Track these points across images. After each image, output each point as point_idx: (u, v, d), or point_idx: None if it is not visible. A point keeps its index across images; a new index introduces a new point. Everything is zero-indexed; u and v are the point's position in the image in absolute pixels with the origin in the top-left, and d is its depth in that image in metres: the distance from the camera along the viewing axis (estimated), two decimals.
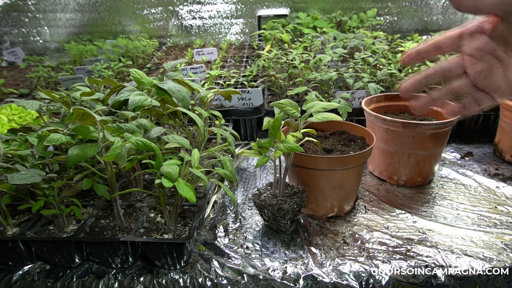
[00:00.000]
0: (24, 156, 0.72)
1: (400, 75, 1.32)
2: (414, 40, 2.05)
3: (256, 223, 0.85)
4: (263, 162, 0.72)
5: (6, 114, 1.16)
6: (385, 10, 2.70)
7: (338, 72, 1.30)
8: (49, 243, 0.69)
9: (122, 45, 2.22)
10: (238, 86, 1.54)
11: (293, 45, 1.96)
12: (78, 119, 0.61)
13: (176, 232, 0.72)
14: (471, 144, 1.26)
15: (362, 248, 0.76)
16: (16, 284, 0.70)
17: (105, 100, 0.83)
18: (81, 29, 2.77)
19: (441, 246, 0.76)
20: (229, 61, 2.06)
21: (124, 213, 0.79)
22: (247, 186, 1.03)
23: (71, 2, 2.67)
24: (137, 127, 0.68)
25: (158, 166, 0.64)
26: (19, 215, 0.80)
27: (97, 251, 0.70)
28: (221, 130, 0.87)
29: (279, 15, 2.61)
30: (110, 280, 0.70)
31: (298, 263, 0.72)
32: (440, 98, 0.58)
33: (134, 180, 0.85)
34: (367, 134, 0.91)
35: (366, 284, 0.68)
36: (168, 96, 0.79)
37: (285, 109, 0.75)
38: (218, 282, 0.69)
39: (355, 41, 1.83)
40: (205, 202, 0.82)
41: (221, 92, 0.96)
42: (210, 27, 2.80)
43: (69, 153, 0.59)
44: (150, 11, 2.74)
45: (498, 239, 0.78)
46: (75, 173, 0.74)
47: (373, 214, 0.88)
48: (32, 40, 2.76)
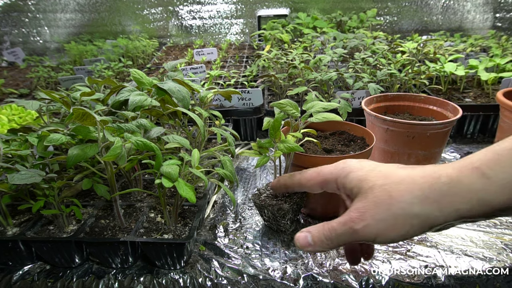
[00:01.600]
0: (24, 156, 0.72)
1: (400, 75, 1.32)
2: (414, 40, 2.05)
3: (256, 223, 0.85)
4: (263, 162, 0.72)
5: (6, 114, 1.16)
6: (385, 10, 2.71)
7: (338, 72, 1.30)
8: (49, 243, 0.69)
9: (122, 45, 2.23)
10: (238, 86, 1.54)
11: (293, 45, 1.96)
12: (78, 119, 0.61)
13: (176, 232, 0.72)
14: (471, 144, 1.26)
15: None
16: (16, 284, 0.70)
17: (105, 100, 0.83)
18: (81, 29, 2.77)
19: (441, 246, 0.76)
20: (229, 61, 2.06)
21: (124, 213, 0.79)
22: (247, 186, 1.04)
23: (71, 2, 2.67)
24: (137, 127, 0.68)
25: (158, 166, 0.64)
26: (19, 215, 0.80)
27: (97, 251, 0.70)
28: (221, 130, 0.87)
29: (279, 15, 2.61)
30: (110, 280, 0.70)
31: (298, 263, 0.72)
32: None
33: (134, 180, 0.85)
34: (367, 134, 0.91)
35: (366, 284, 0.68)
36: (168, 96, 0.79)
37: (285, 109, 0.75)
38: (218, 282, 0.69)
39: (355, 41, 1.83)
40: (205, 202, 0.82)
41: (221, 92, 0.96)
42: (210, 27, 2.81)
43: (69, 153, 0.59)
44: (150, 11, 2.74)
45: (498, 239, 0.78)
46: (75, 173, 0.74)
47: None
48: (32, 40, 2.76)
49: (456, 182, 0.39)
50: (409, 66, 1.43)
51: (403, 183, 0.42)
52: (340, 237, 0.45)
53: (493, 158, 0.38)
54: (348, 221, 0.43)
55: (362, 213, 0.43)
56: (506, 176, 0.36)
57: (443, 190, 0.39)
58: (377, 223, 0.42)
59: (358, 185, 0.45)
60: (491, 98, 1.32)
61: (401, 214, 0.41)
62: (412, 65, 1.41)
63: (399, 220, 0.41)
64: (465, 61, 1.62)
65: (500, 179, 0.36)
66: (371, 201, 0.43)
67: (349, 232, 0.43)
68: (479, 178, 0.37)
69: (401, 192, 0.41)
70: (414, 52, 1.58)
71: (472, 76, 1.53)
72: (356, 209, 0.44)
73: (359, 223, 0.42)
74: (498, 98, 1.07)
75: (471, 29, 2.72)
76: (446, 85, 1.43)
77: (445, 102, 1.04)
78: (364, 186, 0.44)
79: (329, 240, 0.46)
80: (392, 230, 0.41)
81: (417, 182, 0.41)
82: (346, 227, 0.44)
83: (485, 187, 0.37)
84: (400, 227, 0.41)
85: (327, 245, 0.46)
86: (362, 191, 0.44)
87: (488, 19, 2.69)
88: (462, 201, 0.38)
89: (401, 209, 0.41)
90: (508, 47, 1.89)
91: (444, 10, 2.69)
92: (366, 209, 0.43)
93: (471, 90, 1.44)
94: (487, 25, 2.71)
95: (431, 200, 0.40)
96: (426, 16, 2.71)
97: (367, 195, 0.43)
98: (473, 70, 1.41)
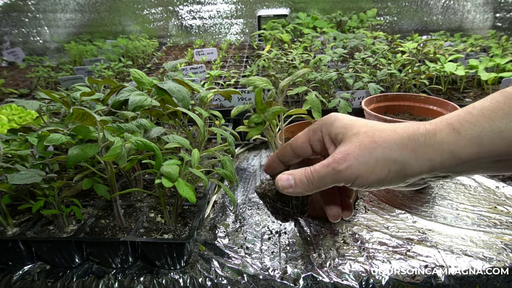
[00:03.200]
0: (24, 156, 0.72)
1: (400, 75, 1.32)
2: (414, 40, 2.05)
3: (256, 223, 0.85)
4: (256, 133, 0.76)
5: (6, 114, 1.16)
6: (385, 10, 2.71)
7: (338, 72, 1.30)
8: (49, 243, 0.69)
9: (122, 45, 2.23)
10: (238, 86, 1.54)
11: (293, 45, 1.96)
12: (78, 119, 0.61)
13: (176, 232, 0.72)
14: None
15: (362, 248, 0.76)
16: (16, 284, 0.70)
17: (105, 100, 0.83)
18: (81, 29, 2.77)
19: (441, 246, 0.76)
20: (229, 61, 2.06)
21: (124, 213, 0.79)
22: (247, 186, 1.03)
23: (71, 2, 2.67)
24: (137, 127, 0.68)
25: (158, 166, 0.64)
26: (19, 215, 0.80)
27: (97, 251, 0.70)
28: (221, 130, 0.87)
29: (279, 15, 2.61)
30: (110, 280, 0.70)
31: (298, 263, 0.72)
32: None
33: (134, 180, 0.85)
34: None
35: (366, 284, 0.68)
36: (168, 96, 0.79)
37: (256, 84, 0.79)
38: (218, 282, 0.69)
39: (355, 41, 1.83)
40: (205, 202, 0.82)
41: (221, 92, 0.96)
42: (210, 27, 2.81)
43: (69, 153, 0.59)
44: (150, 11, 2.74)
45: (498, 239, 0.78)
46: (75, 173, 0.74)
47: (373, 214, 0.88)
48: (32, 40, 2.76)
49: (432, 135, 0.43)
50: (409, 66, 1.43)
51: (385, 131, 0.46)
52: (322, 179, 0.47)
53: (465, 116, 0.42)
54: (332, 163, 0.46)
55: (346, 155, 0.45)
56: (474, 131, 0.40)
57: (420, 141, 0.43)
58: (359, 164, 0.45)
59: (343, 132, 0.49)
60: None
61: (382, 158, 0.44)
62: (412, 65, 1.41)
63: (379, 163, 0.44)
64: (465, 61, 1.62)
65: (468, 135, 0.40)
66: (355, 145, 0.46)
67: (332, 173, 0.46)
68: (451, 132, 0.41)
69: (383, 138, 0.45)
70: (414, 52, 1.58)
71: (472, 76, 1.53)
72: (340, 151, 0.46)
73: (342, 164, 0.45)
74: None
75: (471, 29, 2.72)
76: (446, 85, 1.43)
77: (445, 102, 1.04)
78: (349, 133, 0.48)
79: (310, 182, 0.48)
80: (372, 173, 0.45)
81: (398, 132, 0.45)
82: (329, 168, 0.46)
83: (455, 141, 0.41)
84: (379, 171, 0.44)
85: (308, 187, 0.49)
86: (346, 136, 0.48)
87: (488, 19, 2.69)
88: (435, 153, 0.42)
89: (382, 153, 0.44)
90: (508, 47, 1.89)
91: (444, 10, 2.69)
92: (350, 151, 0.45)
93: (471, 90, 1.44)
94: (487, 25, 2.71)
95: (409, 149, 0.43)
96: (426, 16, 2.71)
97: (352, 140, 0.47)
98: (473, 70, 1.41)
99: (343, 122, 0.50)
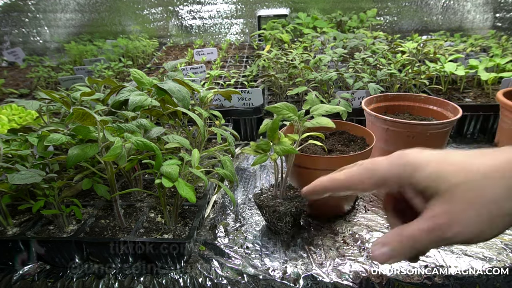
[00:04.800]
0: (24, 156, 0.72)
1: (400, 75, 1.32)
2: (414, 40, 2.05)
3: (256, 223, 0.85)
4: (260, 161, 0.72)
5: (6, 114, 1.16)
6: (385, 10, 2.71)
7: (338, 72, 1.30)
8: (49, 243, 0.69)
9: (122, 45, 2.23)
10: (238, 86, 1.54)
11: (293, 45, 1.96)
12: (78, 119, 0.61)
13: (176, 232, 0.72)
14: (471, 144, 1.26)
15: (362, 248, 0.76)
16: (16, 284, 0.70)
17: (105, 100, 0.83)
18: (81, 29, 2.77)
19: (441, 246, 0.76)
20: (229, 61, 2.06)
21: (124, 213, 0.79)
22: (247, 186, 1.04)
23: (71, 2, 2.67)
24: (137, 127, 0.68)
25: (158, 166, 0.64)
26: (19, 215, 0.80)
27: (97, 251, 0.71)
28: (221, 130, 0.87)
29: (279, 15, 2.61)
30: (110, 280, 0.70)
31: (298, 263, 0.72)
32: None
33: (134, 180, 0.85)
34: (367, 134, 0.91)
35: (366, 284, 0.68)
36: (168, 96, 0.79)
37: (281, 113, 0.73)
38: (218, 282, 0.69)
39: (355, 41, 1.83)
40: (205, 202, 0.82)
41: (221, 92, 0.96)
42: (210, 27, 2.81)
43: (69, 153, 0.59)
44: (150, 11, 2.74)
45: (498, 239, 0.78)
46: (75, 173, 0.74)
47: (373, 214, 0.88)
48: (32, 40, 2.76)
49: None
50: (409, 66, 1.43)
51: (488, 178, 0.37)
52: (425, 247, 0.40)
53: None
54: (436, 229, 0.38)
55: (450, 219, 0.37)
56: None
57: None
58: (471, 227, 0.37)
59: (432, 185, 0.39)
60: (491, 98, 1.32)
61: (496, 215, 0.36)
62: (412, 65, 1.41)
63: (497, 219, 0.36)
64: (465, 61, 1.62)
65: None
66: (458, 203, 0.37)
67: (437, 240, 0.38)
68: None
69: (492, 189, 0.36)
70: (414, 52, 1.58)
71: (472, 76, 1.53)
72: (441, 213, 0.38)
73: (449, 231, 0.37)
74: (498, 98, 1.07)
75: (471, 29, 2.72)
76: (446, 85, 1.43)
77: (445, 102, 1.04)
78: (442, 186, 0.38)
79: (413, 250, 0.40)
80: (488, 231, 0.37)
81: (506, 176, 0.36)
82: (433, 235, 0.38)
83: None
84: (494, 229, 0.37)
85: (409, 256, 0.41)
86: (440, 191, 0.39)
87: (488, 19, 2.69)
88: None
89: (498, 209, 0.36)
90: (508, 47, 1.89)
91: (444, 10, 2.69)
92: (454, 213, 0.37)
93: (471, 90, 1.44)
94: (487, 25, 2.71)
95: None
96: (426, 16, 2.71)
97: (451, 196, 0.38)
98: (473, 70, 1.41)
99: (427, 173, 0.39)
